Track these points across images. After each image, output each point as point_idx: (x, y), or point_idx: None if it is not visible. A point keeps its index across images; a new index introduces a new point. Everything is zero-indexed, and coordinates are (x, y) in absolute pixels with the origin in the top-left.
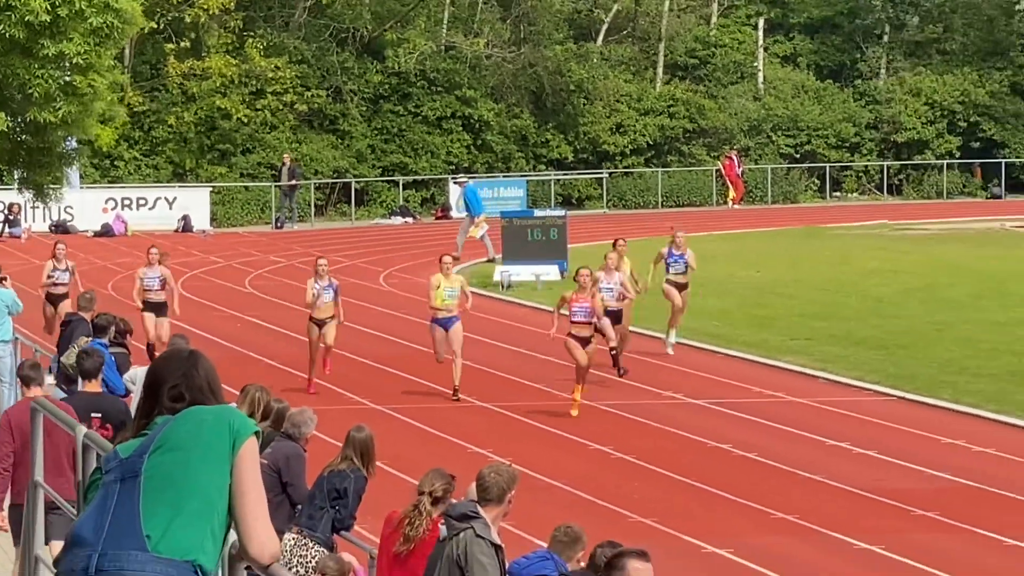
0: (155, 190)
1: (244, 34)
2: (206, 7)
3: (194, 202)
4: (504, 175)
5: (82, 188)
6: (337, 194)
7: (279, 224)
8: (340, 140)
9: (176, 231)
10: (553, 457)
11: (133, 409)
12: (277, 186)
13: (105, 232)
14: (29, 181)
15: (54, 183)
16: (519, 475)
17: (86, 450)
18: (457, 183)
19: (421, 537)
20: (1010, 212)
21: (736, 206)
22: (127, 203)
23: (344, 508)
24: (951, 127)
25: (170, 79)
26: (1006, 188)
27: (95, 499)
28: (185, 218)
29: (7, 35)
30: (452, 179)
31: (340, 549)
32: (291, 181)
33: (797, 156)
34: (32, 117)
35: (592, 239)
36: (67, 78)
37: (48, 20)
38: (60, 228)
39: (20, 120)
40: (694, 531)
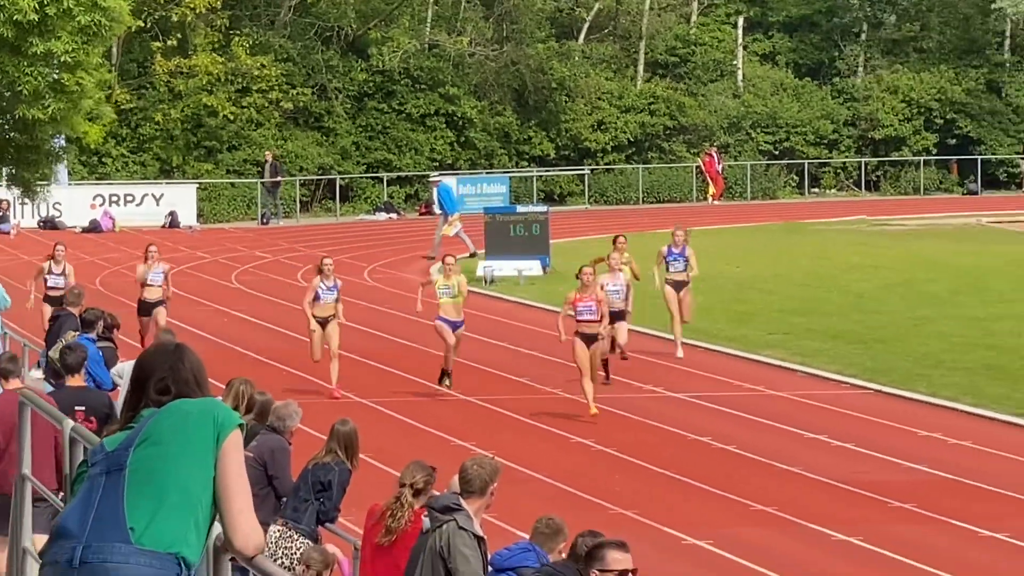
0: (142, 186)
1: (230, 32)
2: (193, 6)
3: (181, 198)
4: (487, 172)
5: (70, 185)
6: (322, 190)
7: (265, 220)
8: (325, 137)
9: (163, 227)
10: (535, 450)
11: (120, 402)
12: (262, 183)
13: (93, 228)
14: (17, 178)
15: (42, 180)
16: (501, 468)
17: (73, 443)
18: (431, 182)
19: (404, 529)
20: (986, 208)
21: (716, 202)
22: (115, 199)
23: (328, 500)
24: (928, 124)
25: (157, 77)
26: (982, 184)
27: (80, 491)
28: (172, 214)
29: None
30: (427, 177)
31: (325, 541)
32: (274, 178)
33: (776, 153)
34: (21, 114)
35: (574, 235)
36: (55, 76)
37: (37, 19)
38: (48, 224)
39: (9, 117)
40: (674, 523)
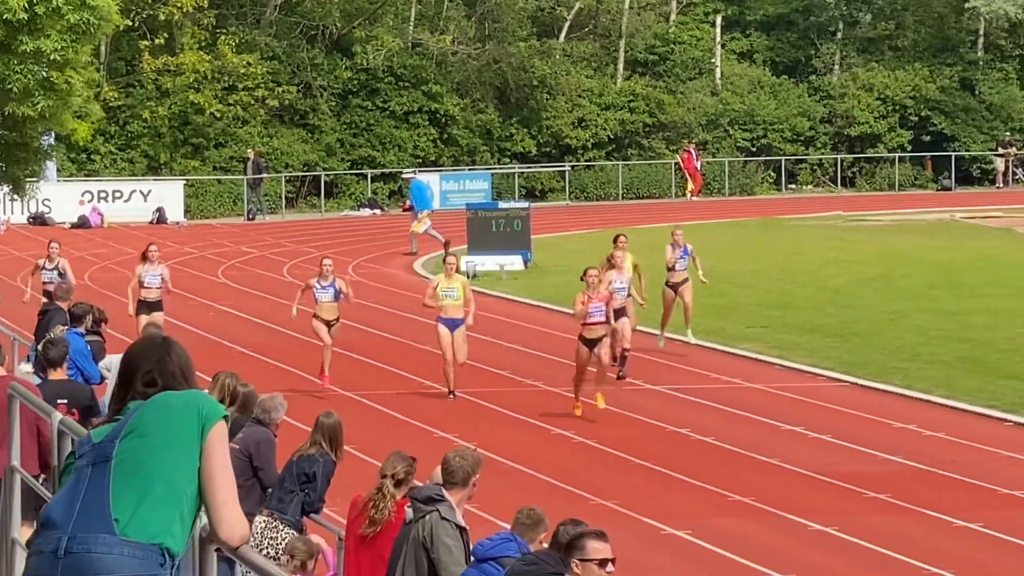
0: (130, 183)
1: (217, 31)
2: (180, 5)
3: (168, 195)
4: (469, 168)
5: (59, 181)
6: (307, 187)
7: (251, 216)
8: (310, 134)
9: (151, 223)
10: (516, 442)
11: (108, 396)
12: (247, 179)
13: (82, 224)
14: (7, 175)
15: (32, 177)
16: (483, 459)
17: (61, 435)
18: (404, 177)
19: (387, 519)
20: (960, 204)
21: (695, 198)
22: (103, 196)
23: (313, 491)
24: (903, 121)
25: (145, 75)
26: (956, 180)
27: (67, 483)
28: (159, 210)
29: None
30: (401, 173)
31: (309, 531)
32: (256, 175)
33: (753, 149)
34: (10, 112)
35: (555, 230)
36: (44, 74)
37: (26, 17)
38: (38, 220)
39: None
40: (653, 513)
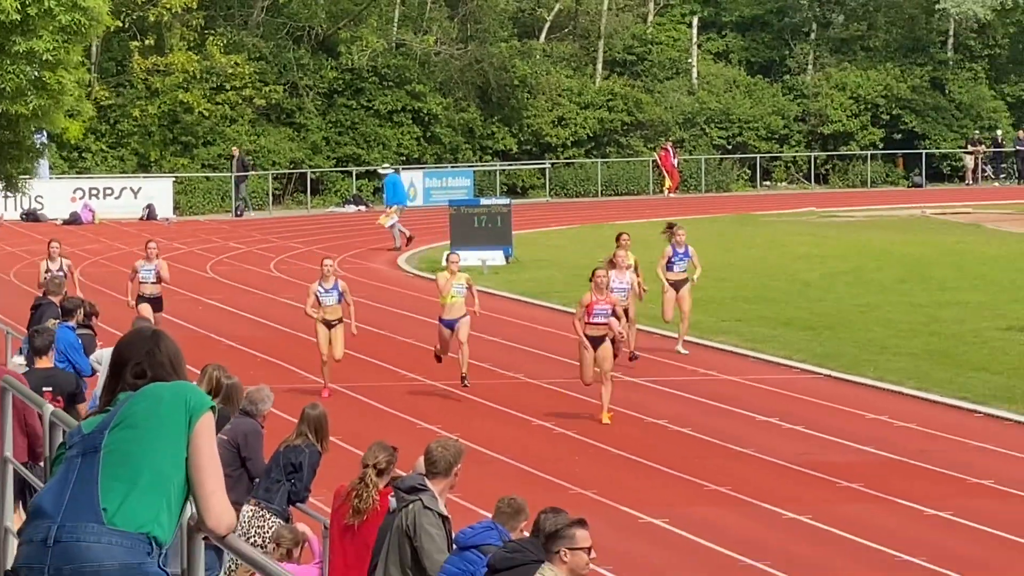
0: (121, 180)
1: (205, 32)
2: (169, 6)
3: (158, 191)
4: (452, 166)
5: (51, 178)
6: (294, 184)
7: (238, 212)
8: (296, 133)
9: (141, 219)
10: (498, 432)
11: (99, 388)
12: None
13: (73, 220)
14: (0, 172)
15: (24, 174)
16: (465, 449)
17: (52, 426)
18: (381, 172)
19: (370, 508)
20: (930, 200)
21: (672, 195)
22: (94, 193)
23: (299, 481)
24: (874, 120)
25: (135, 75)
26: (926, 177)
27: (58, 473)
28: (149, 207)
29: None
30: (378, 168)
31: (295, 520)
32: (241, 172)
33: (729, 147)
34: (3, 110)
35: (535, 226)
36: (37, 73)
37: (19, 18)
38: (30, 217)
39: None
40: (631, 502)
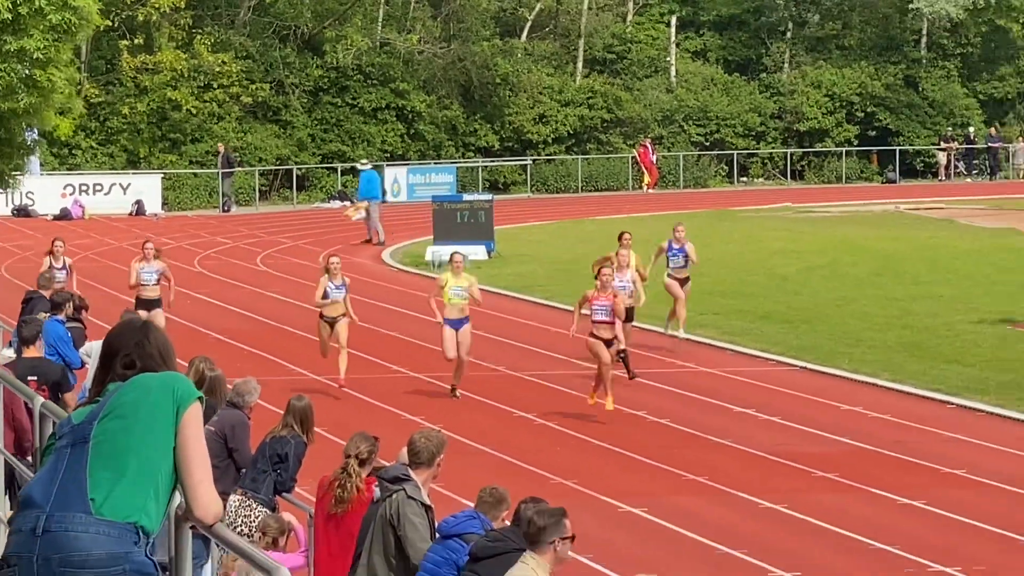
0: (110, 176)
1: (193, 31)
2: (158, 6)
3: (147, 187)
4: (435, 162)
5: (42, 175)
6: (280, 180)
7: (226, 208)
8: (282, 130)
9: (130, 215)
10: (480, 423)
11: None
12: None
13: (64, 216)
14: None
15: (16, 170)
16: (447, 440)
17: (43, 418)
18: (360, 166)
19: (353, 497)
20: (904, 196)
21: (651, 191)
22: (84, 188)
23: (285, 471)
24: (849, 117)
25: (124, 73)
26: (900, 173)
27: (48, 463)
28: (138, 202)
29: None
30: (357, 164)
31: (281, 509)
32: (227, 167)
33: (707, 144)
34: None
35: (516, 221)
36: (28, 72)
37: (10, 18)
38: (21, 212)
39: None
40: (611, 491)
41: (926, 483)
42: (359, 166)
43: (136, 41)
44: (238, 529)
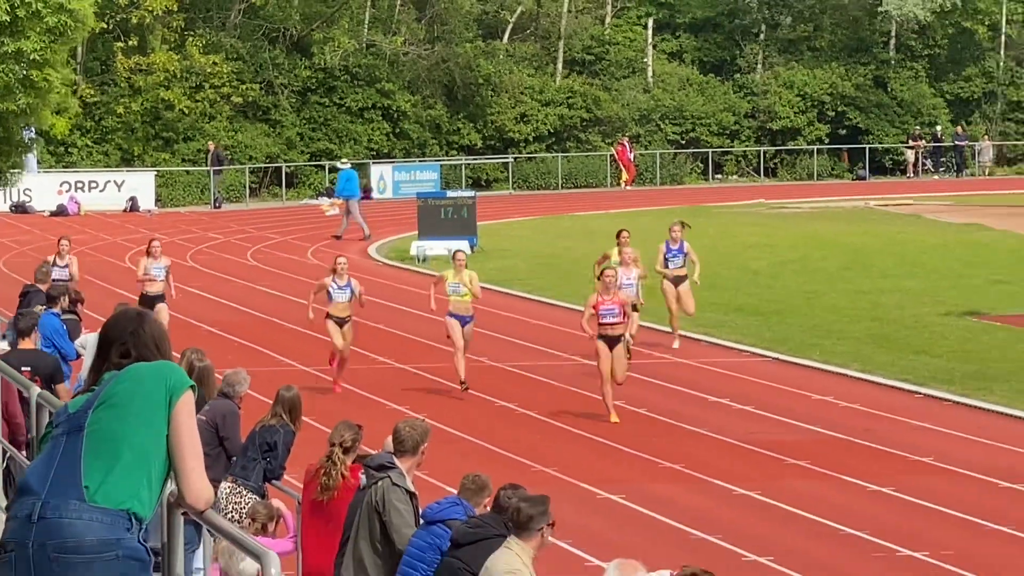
0: (105, 174)
1: (185, 33)
2: (151, 9)
3: (140, 185)
4: (420, 160)
5: (39, 172)
6: (269, 177)
7: (217, 204)
8: (272, 129)
9: (124, 211)
10: (463, 413)
11: (85, 370)
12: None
13: (60, 212)
14: None
15: (13, 168)
16: (431, 429)
17: (39, 407)
18: (340, 165)
19: (338, 485)
20: (874, 192)
21: (628, 188)
22: (80, 186)
23: (274, 460)
24: (820, 116)
25: (118, 74)
26: (870, 171)
27: (44, 451)
28: (132, 199)
29: None
30: (337, 163)
31: (271, 496)
32: (217, 165)
33: (683, 142)
34: None
35: (499, 217)
36: (25, 72)
37: (8, 20)
38: (19, 209)
39: None
40: (590, 479)
41: (895, 470)
42: (339, 165)
43: (130, 43)
44: (228, 516)
